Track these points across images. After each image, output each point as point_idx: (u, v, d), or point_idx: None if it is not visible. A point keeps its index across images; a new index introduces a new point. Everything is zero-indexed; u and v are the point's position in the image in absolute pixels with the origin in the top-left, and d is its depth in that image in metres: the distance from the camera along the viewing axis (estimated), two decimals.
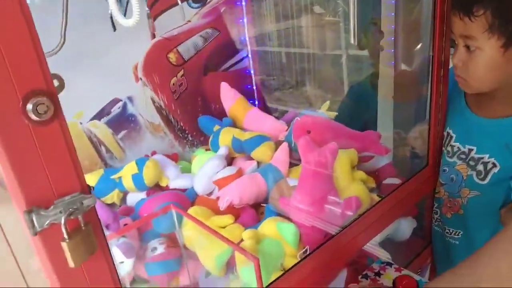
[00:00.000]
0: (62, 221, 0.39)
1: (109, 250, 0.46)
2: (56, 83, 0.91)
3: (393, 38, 1.11)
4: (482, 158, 0.88)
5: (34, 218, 0.38)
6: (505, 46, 0.76)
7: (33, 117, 0.37)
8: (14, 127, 0.37)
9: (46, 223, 0.39)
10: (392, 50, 1.12)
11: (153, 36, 1.11)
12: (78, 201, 0.41)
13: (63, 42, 0.84)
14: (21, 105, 0.36)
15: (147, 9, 0.96)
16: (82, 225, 0.42)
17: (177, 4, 1.14)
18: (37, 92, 0.37)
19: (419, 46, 1.10)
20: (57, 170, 0.40)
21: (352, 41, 1.25)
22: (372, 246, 0.91)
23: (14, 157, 0.37)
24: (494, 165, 0.86)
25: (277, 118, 1.17)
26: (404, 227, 0.97)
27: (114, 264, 0.47)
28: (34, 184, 0.39)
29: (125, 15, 1.00)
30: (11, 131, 0.37)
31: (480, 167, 0.88)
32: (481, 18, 0.76)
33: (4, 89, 0.36)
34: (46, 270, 0.41)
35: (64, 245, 0.39)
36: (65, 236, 0.39)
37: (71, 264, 0.40)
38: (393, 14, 1.08)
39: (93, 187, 0.98)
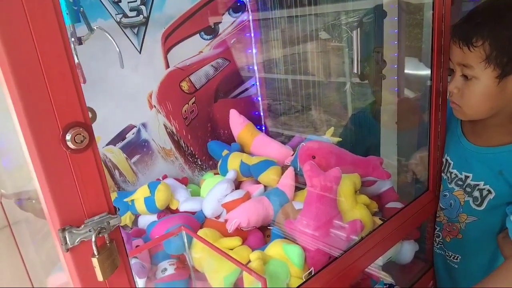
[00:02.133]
0: (93, 239, 0.43)
1: (130, 265, 0.51)
2: (90, 114, 0.96)
3: (396, 66, 1.16)
4: (478, 185, 0.90)
5: (67, 236, 0.43)
6: (500, 77, 0.80)
7: (71, 145, 0.42)
8: (54, 154, 0.42)
9: (77, 240, 0.44)
10: (396, 77, 1.17)
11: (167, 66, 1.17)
12: (105, 220, 0.45)
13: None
14: (61, 135, 0.41)
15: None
16: (108, 242, 0.46)
17: (190, 36, 1.21)
18: (75, 124, 0.42)
19: (421, 74, 1.14)
20: (89, 192, 0.44)
21: (355, 70, 1.31)
22: (375, 269, 0.93)
23: (52, 180, 0.42)
24: (490, 192, 0.88)
25: (284, 142, 1.22)
26: (407, 250, 1.00)
27: (133, 278, 0.51)
28: (68, 205, 0.43)
29: (140, 50, 1.07)
30: (51, 157, 0.42)
31: (476, 193, 0.91)
32: (480, 48, 0.80)
33: (47, 121, 0.41)
34: (75, 283, 0.45)
35: (94, 260, 0.44)
36: (95, 252, 0.44)
37: (100, 278, 0.44)
38: (395, 42, 1.13)
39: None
